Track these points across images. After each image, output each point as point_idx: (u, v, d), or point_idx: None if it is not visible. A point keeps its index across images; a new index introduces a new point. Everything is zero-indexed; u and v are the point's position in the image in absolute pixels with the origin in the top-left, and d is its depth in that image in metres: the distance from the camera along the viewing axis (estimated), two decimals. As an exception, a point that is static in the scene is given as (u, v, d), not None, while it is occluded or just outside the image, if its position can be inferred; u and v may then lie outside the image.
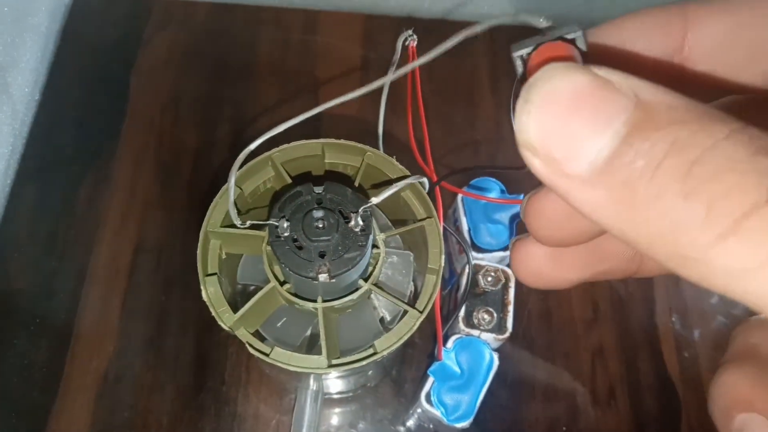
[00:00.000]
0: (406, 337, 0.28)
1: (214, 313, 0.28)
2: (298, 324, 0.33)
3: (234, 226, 0.28)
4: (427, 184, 0.30)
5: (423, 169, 0.34)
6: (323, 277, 0.27)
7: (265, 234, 0.29)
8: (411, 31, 0.33)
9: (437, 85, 0.53)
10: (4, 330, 0.44)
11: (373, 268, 0.30)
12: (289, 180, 0.30)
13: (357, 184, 0.30)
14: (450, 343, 0.36)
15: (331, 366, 0.28)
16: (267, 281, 0.29)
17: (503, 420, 0.43)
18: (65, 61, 0.54)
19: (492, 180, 0.39)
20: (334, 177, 0.30)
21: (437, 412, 0.35)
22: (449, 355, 0.36)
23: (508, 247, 0.39)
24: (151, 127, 0.52)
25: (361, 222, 0.27)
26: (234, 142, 0.51)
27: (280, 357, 0.27)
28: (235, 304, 0.29)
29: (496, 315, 0.37)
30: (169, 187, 0.49)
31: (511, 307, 0.38)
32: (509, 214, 0.38)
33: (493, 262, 0.38)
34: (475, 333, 0.37)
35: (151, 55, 0.55)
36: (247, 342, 0.28)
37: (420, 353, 0.45)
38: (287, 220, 0.27)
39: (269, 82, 0.54)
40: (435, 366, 0.35)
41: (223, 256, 0.31)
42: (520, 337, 0.45)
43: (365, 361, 0.28)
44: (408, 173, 0.30)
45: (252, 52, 0.55)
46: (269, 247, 0.28)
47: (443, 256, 0.29)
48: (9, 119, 0.50)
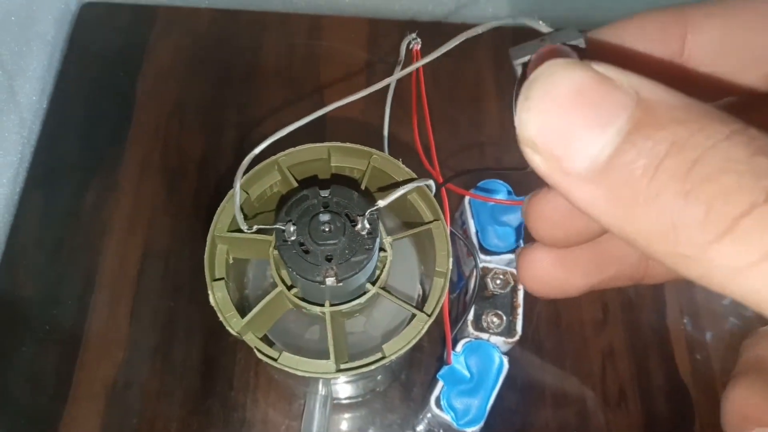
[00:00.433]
0: (415, 341, 0.28)
1: (221, 318, 0.28)
2: (307, 328, 0.33)
3: (241, 231, 0.28)
4: (434, 187, 0.30)
5: (429, 172, 0.34)
6: (330, 280, 0.27)
7: (271, 238, 0.29)
8: (415, 34, 0.33)
9: (442, 88, 0.53)
10: (13, 337, 0.44)
11: (381, 271, 0.30)
12: (295, 184, 0.30)
13: (363, 187, 0.30)
14: (459, 346, 0.36)
15: (339, 371, 0.27)
16: (274, 286, 0.29)
17: (513, 424, 0.43)
18: (71, 70, 0.54)
19: (499, 182, 0.39)
20: (340, 180, 0.30)
21: (447, 417, 0.35)
22: (458, 359, 0.35)
23: (516, 249, 0.38)
24: (156, 134, 0.52)
25: (367, 225, 0.27)
26: (239, 147, 0.51)
27: (288, 362, 0.27)
28: (242, 309, 0.29)
29: (505, 318, 0.37)
30: (175, 192, 0.49)
31: (520, 310, 0.37)
32: (517, 216, 0.38)
33: (501, 264, 0.38)
34: (484, 336, 0.37)
35: (156, 62, 0.55)
36: (255, 347, 0.27)
37: (428, 357, 0.44)
38: (294, 224, 0.27)
39: (274, 87, 0.54)
40: (444, 370, 0.35)
41: (231, 261, 0.30)
42: (529, 340, 0.45)
43: (373, 366, 0.27)
44: (414, 176, 0.30)
45: (256, 57, 0.55)
46: (276, 252, 0.28)
47: (451, 259, 0.29)
48: (17, 127, 0.50)
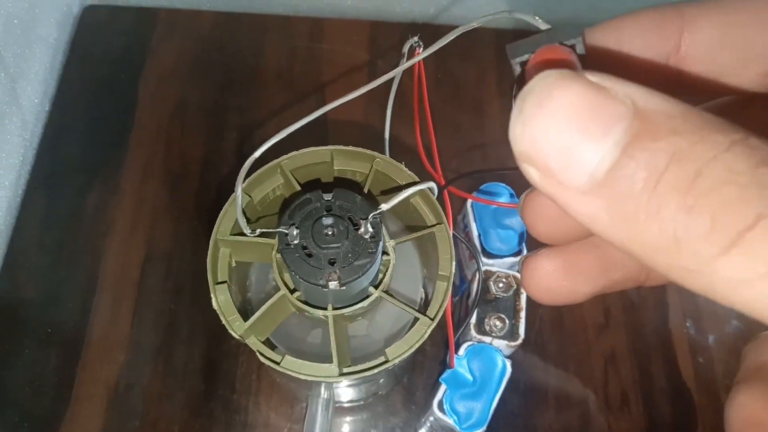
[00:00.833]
0: (418, 345, 0.28)
1: (224, 322, 0.28)
2: (309, 331, 0.33)
3: (243, 234, 0.28)
4: (436, 190, 0.30)
5: (431, 175, 0.34)
6: (333, 284, 0.27)
7: (274, 242, 0.29)
8: (417, 37, 0.33)
9: (444, 91, 0.53)
10: (14, 339, 0.44)
11: (383, 275, 0.30)
12: (298, 187, 0.30)
13: (366, 190, 0.30)
14: (462, 350, 0.36)
15: (342, 374, 0.27)
16: (277, 289, 0.29)
17: (515, 427, 0.43)
18: (74, 72, 0.54)
19: (501, 185, 0.39)
20: (343, 184, 0.30)
21: (450, 420, 0.35)
22: (461, 362, 0.35)
23: (519, 252, 0.38)
24: (158, 136, 0.52)
25: (370, 229, 0.27)
26: (241, 150, 0.51)
27: (291, 365, 0.27)
28: (245, 313, 0.29)
29: (508, 321, 0.37)
30: (177, 195, 0.49)
31: (523, 314, 0.37)
32: (519, 220, 0.38)
33: (503, 268, 0.38)
34: (486, 340, 0.37)
35: (158, 65, 0.55)
36: (258, 351, 0.27)
37: (431, 360, 0.44)
38: (297, 228, 0.27)
39: (276, 90, 0.54)
40: (447, 374, 0.35)
41: (233, 264, 0.30)
42: (531, 343, 0.45)
43: (376, 370, 0.27)
44: (417, 179, 0.30)
45: (258, 60, 0.55)
46: (279, 255, 0.28)
47: (454, 263, 0.29)
48: (19, 130, 0.50)
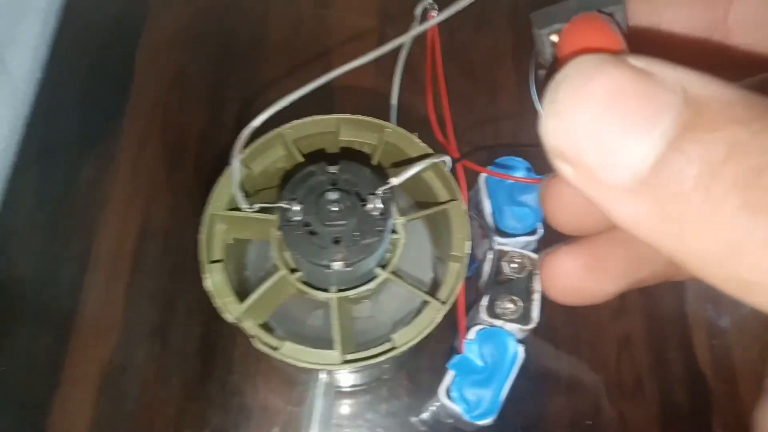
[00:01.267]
0: (428, 331, 0.26)
1: (217, 304, 0.26)
2: (310, 312, 0.31)
3: (241, 209, 0.25)
4: (451, 164, 0.28)
5: (444, 147, 0.31)
6: (338, 265, 0.25)
7: (274, 218, 0.27)
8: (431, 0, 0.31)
9: (455, 64, 0.51)
10: (4, 319, 0.42)
11: (392, 254, 0.28)
12: (301, 159, 0.28)
13: (376, 162, 0.28)
14: (472, 334, 0.34)
15: (345, 362, 0.26)
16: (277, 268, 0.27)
17: (524, 413, 0.41)
18: (67, 39, 0.52)
19: (517, 159, 0.37)
20: (350, 155, 0.28)
21: (458, 409, 0.33)
22: (471, 347, 0.33)
23: (534, 231, 0.36)
24: (156, 107, 0.49)
25: (380, 205, 0.25)
26: (243, 121, 0.48)
27: (290, 352, 0.25)
28: (242, 293, 0.27)
29: (521, 304, 0.35)
30: (175, 168, 0.47)
31: (537, 296, 0.35)
32: (536, 196, 0.36)
33: (517, 247, 0.36)
34: (498, 323, 0.35)
35: (156, 32, 0.52)
36: (255, 336, 0.25)
37: (436, 343, 0.42)
38: (299, 203, 0.25)
39: (280, 60, 0.51)
40: (456, 359, 0.33)
41: (230, 242, 0.28)
42: (543, 327, 0.43)
43: (382, 357, 0.25)
44: (431, 151, 0.28)
45: (262, 28, 0.53)
46: (279, 233, 0.26)
47: (469, 243, 0.26)
48: (9, 98, 0.48)
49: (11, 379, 0.41)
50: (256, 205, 0.25)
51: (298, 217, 0.25)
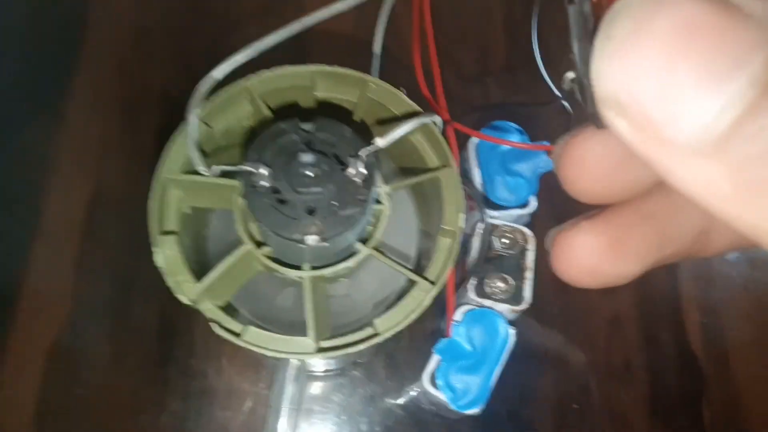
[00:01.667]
0: (416, 316, 0.22)
1: (170, 283, 0.22)
2: (279, 291, 0.28)
3: (199, 173, 0.22)
4: (441, 125, 0.24)
5: (433, 107, 0.28)
6: (312, 239, 0.21)
7: (238, 183, 0.23)
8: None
9: (444, 22, 0.47)
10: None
11: (374, 227, 0.24)
12: (269, 114, 0.24)
13: (358, 119, 0.24)
14: (459, 315, 0.31)
15: (320, 350, 0.22)
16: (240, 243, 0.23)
17: (509, 397, 0.39)
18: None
19: (510, 123, 0.33)
20: (327, 111, 0.24)
21: (443, 397, 0.30)
22: (458, 329, 0.30)
23: (527, 204, 0.33)
24: (111, 59, 0.45)
25: (362, 170, 0.21)
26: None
27: (256, 339, 0.22)
28: (205, 271, 0.23)
29: (512, 283, 0.32)
30: (132, 129, 0.43)
31: (529, 274, 0.33)
32: (531, 165, 0.33)
33: (509, 221, 0.33)
34: (487, 303, 0.32)
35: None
36: (214, 320, 0.22)
37: (418, 322, 0.40)
38: (267, 166, 0.21)
39: (251, 8, 0.46)
40: (442, 343, 0.30)
41: (187, 211, 0.24)
42: (530, 306, 0.41)
43: (363, 345, 0.22)
44: (420, 109, 0.24)
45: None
46: (243, 201, 0.22)
47: (463, 216, 0.23)
48: (-59, 47, 0.43)
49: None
50: (217, 168, 0.21)
51: (265, 183, 0.21)
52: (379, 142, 0.20)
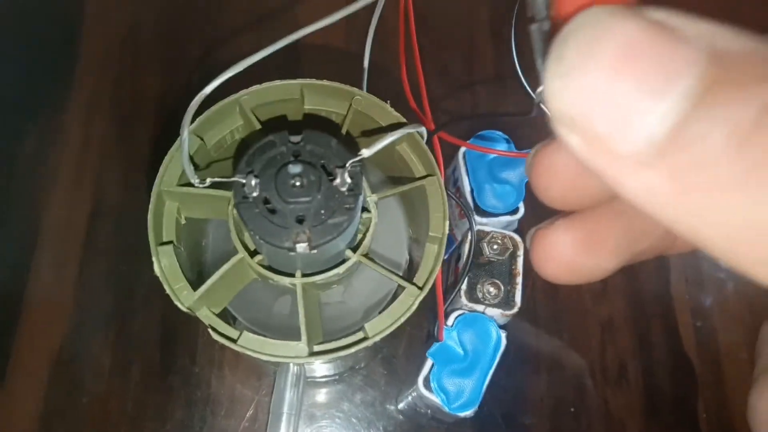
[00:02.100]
0: (404, 319, 0.23)
1: (168, 291, 0.23)
2: (275, 299, 0.29)
3: (193, 185, 0.22)
4: (426, 135, 0.25)
5: (419, 118, 0.29)
6: (302, 247, 0.22)
7: (230, 194, 0.24)
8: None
9: (430, 30, 0.48)
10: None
11: (363, 235, 0.25)
12: (258, 126, 0.25)
13: (344, 131, 0.25)
14: (451, 320, 0.32)
15: (312, 354, 0.23)
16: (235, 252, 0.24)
17: (504, 401, 0.39)
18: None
19: (497, 133, 0.34)
20: (315, 124, 0.25)
21: (437, 400, 0.31)
22: (451, 334, 0.31)
23: (516, 210, 0.34)
24: (107, 69, 0.46)
25: (348, 179, 0.22)
26: (206, 84, 0.45)
27: (251, 344, 0.23)
28: (203, 279, 0.24)
29: (502, 288, 0.33)
30: (129, 139, 0.44)
31: (519, 279, 0.33)
32: (518, 173, 0.33)
33: (498, 227, 0.34)
34: (479, 308, 0.33)
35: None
36: (210, 326, 0.23)
37: (413, 328, 0.40)
38: (256, 177, 0.22)
39: (245, 17, 0.47)
40: (435, 347, 0.31)
41: (183, 221, 0.25)
42: (523, 311, 0.41)
43: (354, 348, 0.23)
44: (405, 120, 0.25)
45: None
46: (236, 211, 0.23)
47: (447, 222, 0.24)
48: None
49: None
50: (208, 180, 0.22)
51: (255, 193, 0.22)
52: (365, 153, 0.21)
